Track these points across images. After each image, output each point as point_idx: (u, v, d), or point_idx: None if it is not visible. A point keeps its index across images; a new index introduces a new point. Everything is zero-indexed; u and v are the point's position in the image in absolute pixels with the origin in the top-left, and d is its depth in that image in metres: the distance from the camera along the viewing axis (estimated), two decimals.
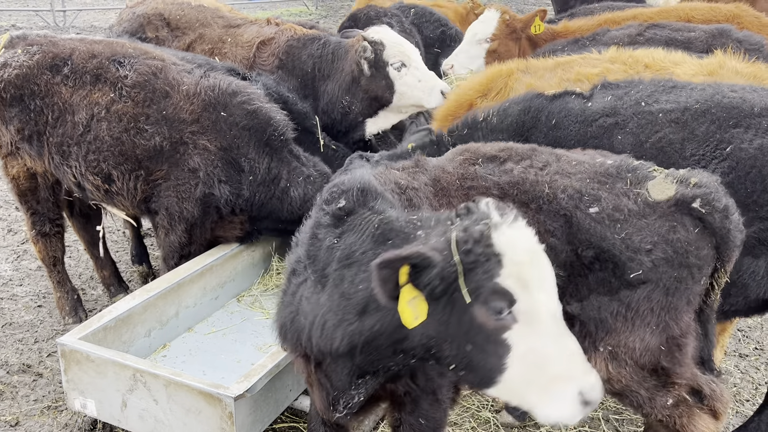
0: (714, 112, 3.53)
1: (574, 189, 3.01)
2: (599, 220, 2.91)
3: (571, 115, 3.88)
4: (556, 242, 2.93)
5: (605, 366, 3.03)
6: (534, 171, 3.13)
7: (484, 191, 3.06)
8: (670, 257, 2.88)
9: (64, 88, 4.70)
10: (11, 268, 6.29)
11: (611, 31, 6.05)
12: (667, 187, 2.94)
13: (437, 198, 3.07)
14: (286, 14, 17.26)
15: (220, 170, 4.69)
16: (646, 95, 3.78)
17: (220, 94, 4.72)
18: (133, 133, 4.63)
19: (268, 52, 6.28)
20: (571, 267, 2.93)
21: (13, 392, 4.62)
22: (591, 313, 2.95)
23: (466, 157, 3.31)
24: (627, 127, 3.70)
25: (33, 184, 5.01)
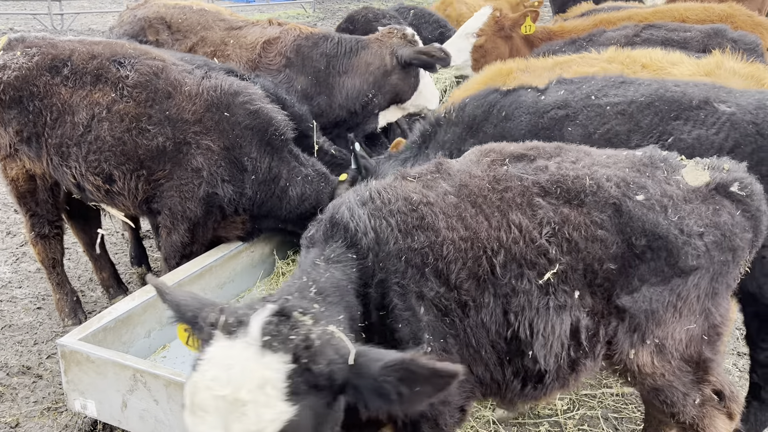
0: (657, 105, 3.73)
1: (618, 177, 2.93)
2: (649, 206, 2.84)
3: (523, 107, 4.07)
4: (605, 234, 2.82)
5: (651, 359, 2.96)
6: (570, 165, 3.01)
7: (523, 191, 2.91)
8: (719, 241, 2.87)
9: (64, 89, 4.71)
10: (10, 271, 6.30)
11: (608, 32, 6.11)
12: (700, 174, 2.97)
13: (463, 206, 2.87)
14: (283, 17, 17.28)
15: (223, 170, 4.72)
16: (596, 89, 3.96)
17: (222, 94, 4.75)
18: (135, 133, 4.64)
19: (274, 51, 6.36)
20: (622, 258, 2.83)
21: (13, 394, 4.62)
22: (642, 305, 2.86)
23: (493, 158, 3.13)
24: (577, 119, 3.88)
25: (32, 186, 5.02)
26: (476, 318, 2.74)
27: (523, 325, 2.76)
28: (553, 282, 2.76)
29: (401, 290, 2.67)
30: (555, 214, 2.82)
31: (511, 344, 2.81)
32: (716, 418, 3.15)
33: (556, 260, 2.77)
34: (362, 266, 2.71)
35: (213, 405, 2.03)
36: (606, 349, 2.94)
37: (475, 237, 2.76)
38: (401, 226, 2.75)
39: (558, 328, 2.79)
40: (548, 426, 4.37)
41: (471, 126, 4.23)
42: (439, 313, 2.71)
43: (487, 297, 2.74)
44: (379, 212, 2.79)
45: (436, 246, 2.72)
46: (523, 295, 2.75)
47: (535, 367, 2.85)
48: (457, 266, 2.71)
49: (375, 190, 2.90)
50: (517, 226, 2.79)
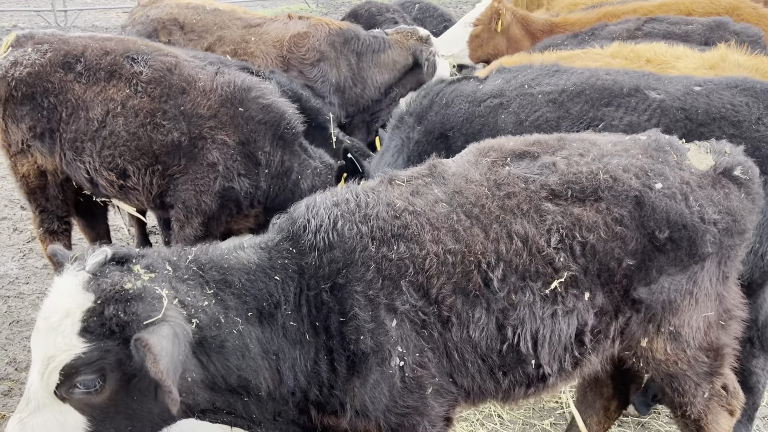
0: (588, 93, 3.84)
1: (636, 167, 2.80)
2: (671, 195, 2.75)
3: (463, 95, 4.18)
4: (624, 231, 2.70)
5: (663, 347, 2.90)
6: (579, 160, 2.85)
7: (530, 197, 2.72)
8: (730, 225, 2.84)
9: (77, 85, 4.75)
10: (17, 267, 6.34)
11: (610, 26, 6.10)
12: (704, 157, 2.94)
13: (455, 216, 2.67)
14: (286, 12, 17.26)
15: (239, 164, 4.79)
16: (530, 78, 4.06)
17: (236, 89, 4.81)
18: (150, 128, 4.69)
19: (306, 46, 6.55)
20: (642, 253, 2.72)
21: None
22: (659, 296, 2.78)
23: (493, 158, 2.90)
24: (510, 107, 3.98)
25: (42, 182, 5.05)
26: (460, 333, 2.61)
27: (523, 338, 2.66)
28: (561, 289, 2.65)
29: (365, 301, 2.54)
30: (564, 218, 2.68)
31: (507, 357, 2.70)
32: (720, 414, 3.14)
33: (564, 268, 2.65)
34: (299, 262, 2.61)
35: (38, 326, 2.30)
36: (619, 342, 2.89)
37: (466, 251, 2.61)
38: (376, 233, 2.60)
39: (564, 334, 2.70)
40: (553, 420, 4.39)
41: (420, 114, 4.37)
42: (415, 327, 2.57)
43: (478, 312, 2.61)
44: (351, 216, 2.65)
45: (417, 259, 2.57)
46: (525, 308, 2.64)
47: (537, 372, 2.77)
48: (439, 281, 2.57)
49: (355, 192, 2.76)
50: (521, 237, 2.65)
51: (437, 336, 2.60)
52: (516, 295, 2.62)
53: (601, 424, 3.62)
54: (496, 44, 7.09)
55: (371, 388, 2.58)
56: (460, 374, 2.70)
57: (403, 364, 2.56)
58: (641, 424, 4.41)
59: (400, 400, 2.62)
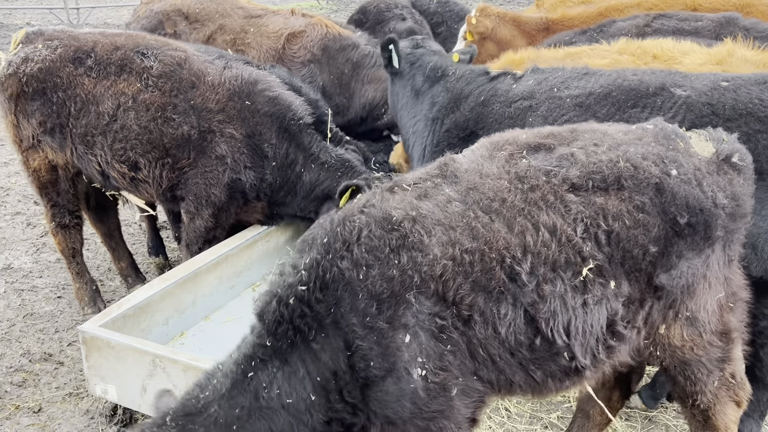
0: (615, 95, 3.79)
1: (654, 155, 2.82)
2: (687, 181, 2.78)
3: (498, 95, 4.16)
4: (646, 218, 2.69)
5: (681, 332, 2.92)
6: (596, 150, 2.82)
7: (555, 190, 2.68)
8: (735, 210, 2.90)
9: (88, 80, 4.82)
10: (31, 261, 6.42)
11: (618, 22, 6.00)
12: (705, 145, 2.99)
13: (472, 213, 2.60)
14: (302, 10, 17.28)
15: (246, 156, 4.87)
16: (560, 81, 4.01)
17: (243, 83, 4.87)
18: (160, 122, 4.76)
19: (299, 44, 6.49)
20: (664, 239, 2.72)
21: (35, 380, 4.74)
22: (679, 281, 2.79)
23: (510, 152, 2.84)
24: (539, 111, 3.94)
25: (53, 177, 5.13)
26: (485, 331, 2.56)
27: (557, 331, 2.61)
28: (591, 278, 2.62)
29: (363, 330, 2.48)
30: (587, 207, 2.66)
31: (539, 350, 2.65)
32: (728, 404, 3.15)
33: (591, 257, 2.63)
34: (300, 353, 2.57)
35: None
36: (643, 330, 2.89)
37: (486, 248, 2.54)
38: (363, 259, 2.51)
39: (596, 324, 2.67)
40: (560, 413, 4.41)
41: (456, 100, 4.35)
42: (432, 334, 2.52)
43: (504, 308, 2.55)
44: (330, 256, 2.55)
45: (423, 266, 2.50)
46: (556, 299, 2.59)
47: (571, 364, 2.73)
48: (455, 283, 2.50)
49: (341, 222, 2.63)
50: (549, 228, 2.60)
51: (457, 337, 2.54)
52: (547, 286, 2.57)
53: (604, 414, 3.64)
54: (488, 50, 6.95)
55: (393, 403, 2.56)
56: (488, 370, 2.65)
57: (425, 373, 2.52)
58: (648, 418, 4.42)
59: (424, 407, 2.58)
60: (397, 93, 5.00)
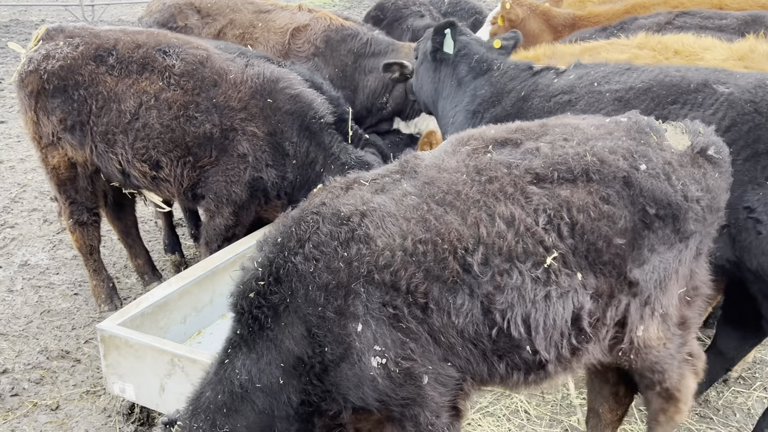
0: (655, 90, 3.73)
1: (623, 148, 2.83)
2: (655, 175, 2.79)
3: (538, 89, 4.12)
4: (612, 209, 2.71)
5: (656, 331, 2.93)
6: (563, 144, 2.85)
7: (515, 181, 2.71)
8: (710, 203, 2.89)
9: (110, 78, 4.80)
10: (48, 258, 6.43)
11: (640, 19, 5.94)
12: (681, 137, 2.97)
13: (426, 206, 2.66)
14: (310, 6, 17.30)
15: (267, 155, 4.83)
16: (601, 76, 3.96)
17: (265, 81, 4.84)
18: (183, 120, 4.73)
19: (303, 39, 6.47)
20: (632, 232, 2.73)
21: (53, 377, 4.74)
22: (652, 276, 2.80)
23: (474, 146, 2.89)
24: (578, 105, 3.89)
25: (73, 174, 5.12)
26: (442, 320, 2.59)
27: (514, 323, 2.62)
28: (555, 268, 2.63)
29: (316, 320, 2.58)
30: (551, 199, 2.67)
31: (498, 342, 2.67)
32: (688, 377, 3.20)
33: (553, 248, 2.63)
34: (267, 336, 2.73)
35: None
36: (615, 331, 2.87)
37: (439, 238, 2.58)
38: (311, 254, 2.60)
39: (560, 318, 2.67)
40: (580, 416, 4.36)
41: (498, 94, 4.30)
42: (388, 323, 2.56)
43: (460, 298, 2.58)
44: (284, 253, 2.67)
45: (372, 257, 2.56)
46: (513, 291, 2.59)
47: (534, 358, 2.73)
48: (408, 272, 2.54)
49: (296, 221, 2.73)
50: (505, 219, 2.62)
51: (416, 326, 2.58)
52: (502, 278, 2.58)
53: (614, 411, 3.58)
54: None
55: (354, 389, 2.63)
56: (456, 358, 2.69)
57: (386, 361, 2.57)
58: None
59: (393, 394, 2.63)
60: (439, 80, 4.92)
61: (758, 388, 4.74)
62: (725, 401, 4.57)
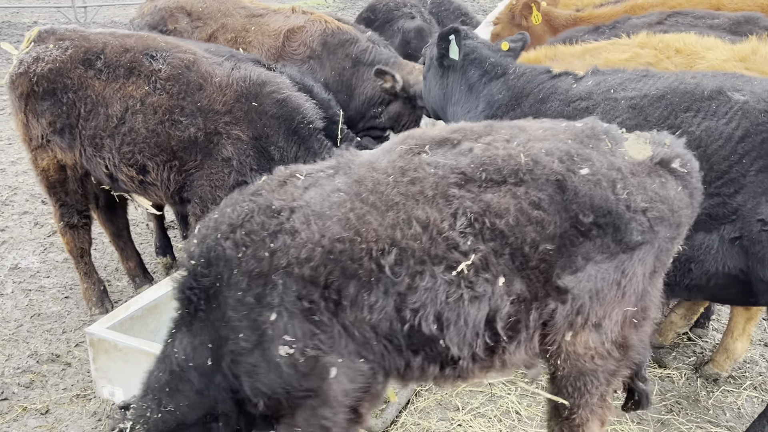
0: (669, 98, 3.67)
1: (561, 151, 2.75)
2: (596, 181, 2.69)
3: (557, 93, 4.10)
4: (541, 215, 2.64)
5: (587, 339, 2.83)
6: (501, 145, 2.79)
7: (437, 182, 2.69)
8: (666, 216, 2.76)
9: (98, 82, 4.78)
10: (38, 261, 6.40)
11: (632, 19, 5.92)
12: (643, 147, 2.87)
13: (350, 204, 2.68)
14: (303, 7, 17.30)
15: (252, 159, 4.79)
16: (617, 83, 3.93)
17: (251, 84, 4.80)
18: (168, 124, 4.71)
19: (298, 41, 6.43)
20: (561, 238, 2.66)
21: (42, 381, 4.71)
22: (586, 285, 2.71)
23: (409, 146, 2.87)
24: (595, 112, 3.86)
25: (62, 177, 5.10)
26: (356, 315, 2.64)
27: (425, 321, 2.65)
28: (469, 273, 2.62)
29: (234, 303, 2.68)
30: (474, 202, 2.64)
31: (413, 337, 2.70)
32: (596, 423, 3.06)
33: (472, 252, 2.62)
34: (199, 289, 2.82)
35: None
36: (539, 332, 2.82)
37: (357, 238, 2.62)
38: (241, 239, 2.69)
39: (472, 319, 2.67)
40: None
41: (517, 97, 4.27)
42: (301, 315, 2.63)
43: (374, 296, 2.62)
44: (218, 233, 2.76)
45: (293, 251, 2.62)
46: (425, 292, 2.62)
47: (448, 353, 2.75)
48: (326, 268, 2.61)
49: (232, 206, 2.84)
50: (421, 222, 2.63)
51: (329, 319, 2.65)
52: (414, 279, 2.62)
53: None
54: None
55: (263, 376, 2.71)
56: (371, 353, 2.74)
57: (293, 351, 2.63)
58: (661, 422, 4.37)
59: (297, 384, 2.69)
60: (447, 86, 4.86)
61: (748, 387, 4.76)
62: (715, 401, 4.59)
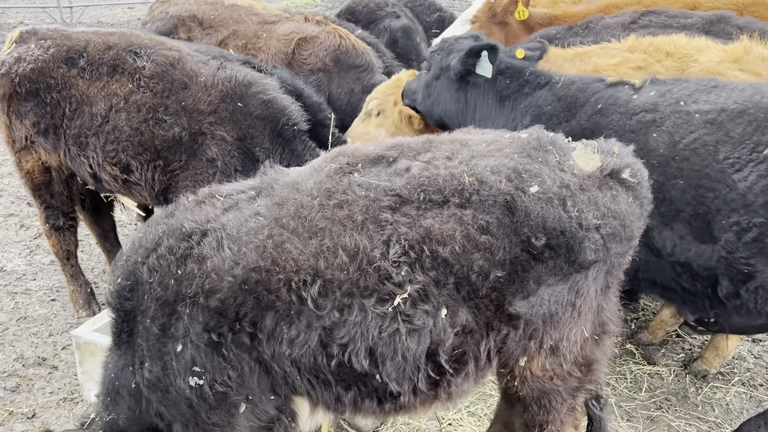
0: (752, 113, 3.40)
1: (509, 168, 2.57)
2: (547, 200, 2.53)
3: (617, 104, 3.83)
4: (490, 240, 2.46)
5: (543, 362, 2.72)
6: (441, 163, 2.60)
7: (368, 205, 2.48)
8: (617, 231, 2.63)
9: (81, 81, 4.74)
10: (24, 263, 6.35)
11: (605, 19, 5.92)
12: (591, 158, 2.75)
13: (268, 231, 2.47)
14: (292, 7, 17.25)
15: (237, 160, 4.76)
16: (686, 94, 3.68)
17: (236, 85, 4.76)
18: (152, 123, 4.67)
19: (309, 50, 6.39)
20: (512, 264, 2.49)
21: (29, 385, 4.67)
22: (539, 309, 2.57)
23: (339, 165, 2.65)
24: (663, 126, 3.60)
25: (47, 178, 5.06)
26: (273, 350, 2.46)
27: (355, 356, 2.45)
28: (406, 307, 2.42)
29: (143, 331, 2.55)
30: (411, 228, 2.44)
31: (343, 373, 2.51)
32: (568, 430, 3.03)
33: (408, 282, 2.41)
34: None
35: None
36: (490, 361, 2.67)
37: (274, 268, 2.41)
38: (153, 264, 2.53)
39: (411, 354, 2.47)
40: None
41: (570, 108, 4.01)
42: (208, 348, 2.45)
43: (294, 330, 2.43)
44: (135, 257, 2.62)
45: (201, 280, 2.43)
46: (355, 327, 2.42)
47: (386, 388, 2.55)
48: (236, 301, 2.41)
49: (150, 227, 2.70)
50: (349, 251, 2.41)
51: (241, 353, 2.46)
52: (342, 313, 2.41)
53: None
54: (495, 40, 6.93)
55: (171, 407, 2.59)
56: (291, 386, 2.57)
57: (203, 383, 2.47)
58: (651, 419, 4.39)
59: (205, 417, 2.55)
60: (466, 100, 4.54)
61: (736, 383, 4.78)
62: (704, 397, 4.61)
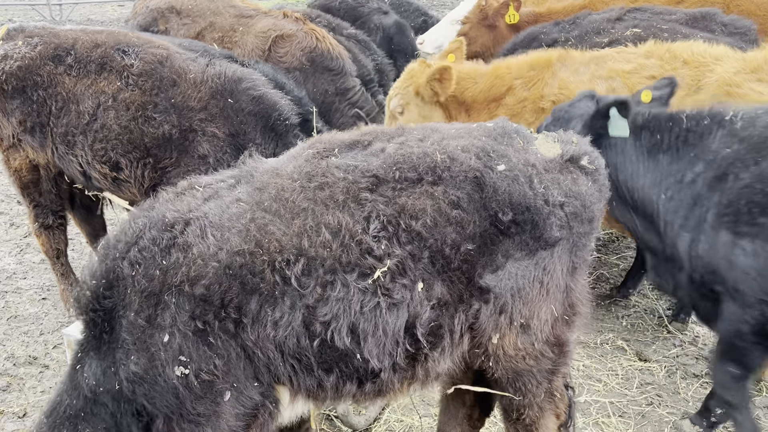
0: None
1: (477, 147, 2.70)
2: (514, 177, 2.66)
3: None
4: (461, 214, 2.58)
5: (515, 340, 2.79)
6: (414, 143, 2.72)
7: (348, 186, 2.57)
8: (579, 211, 2.77)
9: (68, 78, 4.72)
10: (15, 262, 6.34)
11: (592, 15, 5.98)
12: (552, 146, 2.90)
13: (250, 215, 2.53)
14: (278, 3, 17.21)
15: (229, 156, 4.76)
16: None
17: (226, 81, 4.76)
18: (141, 121, 4.66)
19: (286, 48, 6.40)
20: (482, 237, 2.61)
21: (20, 384, 4.67)
22: (507, 283, 2.67)
23: (317, 150, 2.75)
24: None
25: (35, 177, 5.04)
26: (260, 334, 2.49)
27: (338, 334, 2.51)
28: (385, 280, 2.51)
29: (127, 324, 2.53)
30: (388, 205, 2.55)
31: (325, 354, 2.56)
32: (549, 418, 3.08)
33: (387, 257, 2.51)
34: None
35: None
36: (470, 337, 2.77)
37: (258, 250, 2.47)
38: (134, 257, 2.54)
39: (391, 328, 2.55)
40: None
41: (757, 149, 3.40)
42: (195, 336, 2.48)
43: (279, 312, 2.48)
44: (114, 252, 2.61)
45: (185, 268, 2.47)
46: (338, 303, 2.48)
47: (368, 366, 2.61)
48: (222, 286, 2.45)
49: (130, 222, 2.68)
50: (331, 228, 2.50)
51: (227, 340, 2.49)
52: (325, 289, 2.48)
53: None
54: (484, 42, 6.84)
55: (158, 399, 2.57)
56: (274, 374, 2.59)
57: (189, 373, 2.49)
58: (642, 415, 4.42)
59: (191, 408, 2.56)
60: None
61: None
62: (695, 392, 4.64)
